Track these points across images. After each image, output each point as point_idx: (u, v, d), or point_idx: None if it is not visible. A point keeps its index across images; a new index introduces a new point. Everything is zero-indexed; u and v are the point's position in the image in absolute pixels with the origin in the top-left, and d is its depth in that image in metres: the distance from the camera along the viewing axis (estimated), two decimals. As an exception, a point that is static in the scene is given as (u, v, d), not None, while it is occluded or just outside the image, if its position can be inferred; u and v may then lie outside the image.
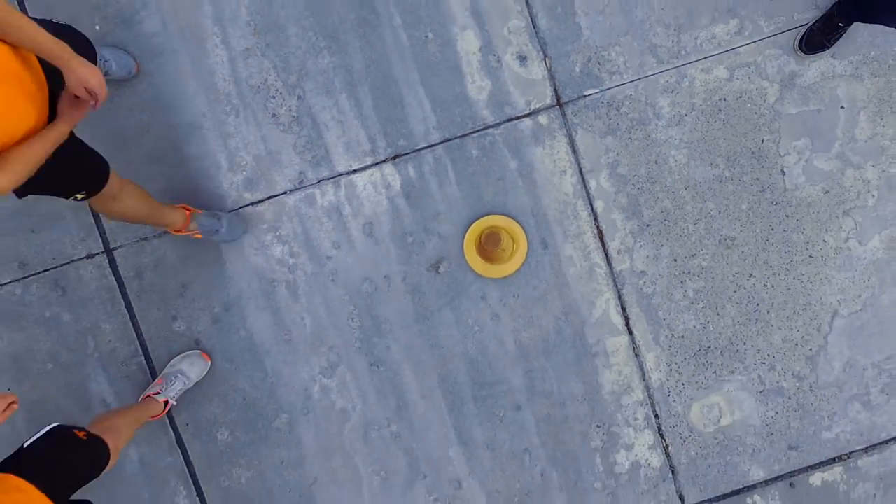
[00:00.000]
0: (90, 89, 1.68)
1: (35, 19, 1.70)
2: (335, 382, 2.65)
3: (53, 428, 1.87)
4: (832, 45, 2.51)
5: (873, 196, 2.64)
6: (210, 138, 2.58)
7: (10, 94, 1.58)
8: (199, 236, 2.49)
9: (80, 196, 2.00)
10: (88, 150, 2.00)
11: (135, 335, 2.65)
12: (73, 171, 1.95)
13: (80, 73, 1.66)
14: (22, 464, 1.76)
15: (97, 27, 2.57)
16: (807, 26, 2.54)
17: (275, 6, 2.56)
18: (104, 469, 1.96)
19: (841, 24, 2.43)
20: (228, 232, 2.49)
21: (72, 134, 1.87)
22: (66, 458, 1.81)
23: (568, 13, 2.57)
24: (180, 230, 2.44)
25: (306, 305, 2.63)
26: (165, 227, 2.44)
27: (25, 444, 1.83)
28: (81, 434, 1.90)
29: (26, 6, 2.57)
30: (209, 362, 2.62)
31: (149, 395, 2.51)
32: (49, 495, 1.69)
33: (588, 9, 2.57)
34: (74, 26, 2.04)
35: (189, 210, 2.44)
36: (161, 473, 2.69)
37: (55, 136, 1.66)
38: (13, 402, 1.74)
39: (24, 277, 2.63)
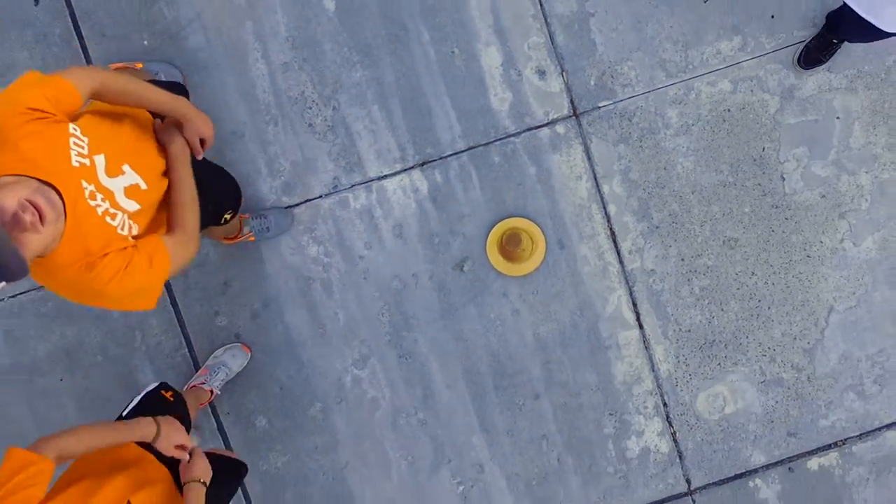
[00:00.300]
0: (203, 138, 1.86)
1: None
2: (366, 373, 2.85)
3: (146, 394, 2.09)
4: (828, 60, 2.70)
5: (866, 200, 2.84)
6: (251, 146, 2.77)
7: (150, 160, 1.75)
8: (253, 239, 2.69)
9: (228, 216, 2.20)
10: (222, 170, 2.19)
11: (179, 329, 2.84)
12: (220, 195, 2.14)
13: (197, 125, 1.83)
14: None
15: (146, 42, 2.77)
16: (804, 43, 2.74)
17: (312, 23, 2.75)
18: (189, 431, 2.17)
19: (835, 41, 2.63)
20: (276, 227, 2.70)
21: (205, 160, 2.04)
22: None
23: (584, 30, 2.77)
24: (235, 237, 2.64)
25: (340, 301, 2.83)
26: (225, 236, 2.64)
27: (125, 413, 2.05)
28: (168, 394, 2.11)
29: (80, 26, 2.76)
30: (249, 354, 2.82)
31: (195, 385, 2.71)
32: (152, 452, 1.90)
33: (602, 26, 2.76)
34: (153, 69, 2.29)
35: (241, 216, 2.65)
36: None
37: (186, 159, 1.82)
38: (184, 447, 1.89)
39: (76, 275, 2.82)
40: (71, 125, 1.56)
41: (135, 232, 1.64)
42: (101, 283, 1.55)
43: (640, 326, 2.85)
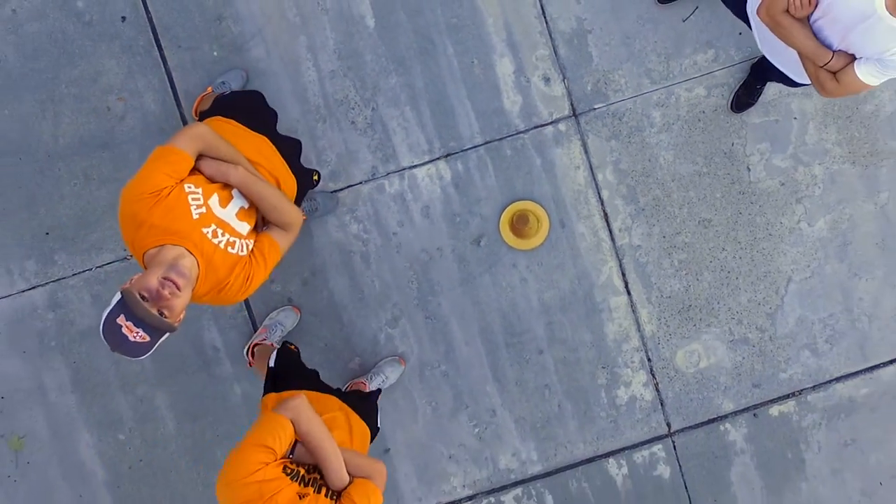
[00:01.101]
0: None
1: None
2: (398, 332, 3.37)
3: (280, 348, 2.65)
4: (755, 102, 3.20)
5: (819, 188, 3.35)
6: (303, 140, 3.22)
7: None
8: (304, 218, 3.20)
9: (316, 177, 2.74)
10: (290, 141, 2.65)
11: (240, 294, 3.36)
12: (301, 167, 2.61)
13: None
14: (283, 382, 2.49)
15: (215, 53, 3.28)
16: (733, 92, 3.23)
17: (355, 38, 3.27)
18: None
19: (758, 87, 3.15)
20: (323, 208, 3.21)
21: (280, 139, 2.50)
22: (296, 365, 2.61)
23: (582, 45, 3.28)
24: None
25: (376, 271, 3.34)
26: None
27: (272, 365, 2.60)
28: (292, 347, 2.69)
29: (160, 39, 3.28)
30: (299, 314, 3.33)
31: (258, 343, 3.21)
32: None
33: (598, 42, 3.28)
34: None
35: None
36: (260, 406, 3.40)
37: (251, 177, 2.11)
38: None
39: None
40: (186, 185, 1.96)
41: (251, 248, 2.06)
42: (232, 296, 2.04)
43: (628, 293, 3.37)
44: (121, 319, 1.80)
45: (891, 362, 3.40)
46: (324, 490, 1.97)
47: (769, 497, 3.43)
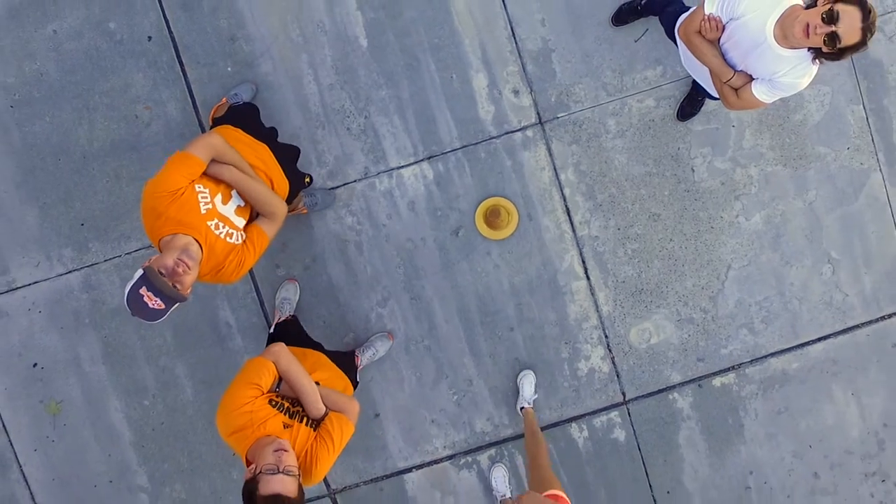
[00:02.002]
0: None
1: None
2: (387, 311, 3.85)
3: (277, 323, 3.14)
4: (698, 111, 3.63)
5: (755, 187, 3.82)
6: (305, 144, 3.75)
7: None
8: (305, 211, 3.68)
9: (308, 179, 3.17)
10: (287, 147, 3.11)
11: (250, 278, 3.84)
12: (295, 170, 3.05)
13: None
14: (284, 337, 2.97)
15: (229, 69, 3.76)
16: (678, 103, 3.66)
17: (350, 55, 3.76)
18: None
19: (700, 99, 3.60)
20: (323, 202, 3.69)
21: (278, 146, 2.96)
22: (285, 332, 3.09)
23: (547, 62, 3.76)
24: (293, 209, 3.61)
25: (368, 258, 3.82)
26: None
27: (271, 332, 3.09)
28: (289, 319, 3.18)
29: (181, 56, 3.77)
30: (297, 284, 3.76)
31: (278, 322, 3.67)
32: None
33: (560, 59, 3.76)
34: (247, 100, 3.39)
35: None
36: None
37: (242, 175, 2.55)
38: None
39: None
40: (196, 185, 2.39)
41: (244, 238, 2.52)
42: (227, 276, 2.51)
43: (588, 278, 3.84)
44: (142, 290, 2.22)
45: (819, 340, 3.86)
46: (305, 420, 2.39)
47: (712, 457, 3.90)
